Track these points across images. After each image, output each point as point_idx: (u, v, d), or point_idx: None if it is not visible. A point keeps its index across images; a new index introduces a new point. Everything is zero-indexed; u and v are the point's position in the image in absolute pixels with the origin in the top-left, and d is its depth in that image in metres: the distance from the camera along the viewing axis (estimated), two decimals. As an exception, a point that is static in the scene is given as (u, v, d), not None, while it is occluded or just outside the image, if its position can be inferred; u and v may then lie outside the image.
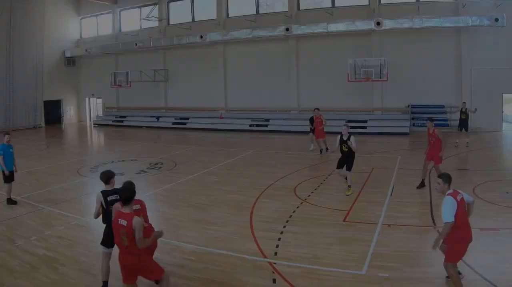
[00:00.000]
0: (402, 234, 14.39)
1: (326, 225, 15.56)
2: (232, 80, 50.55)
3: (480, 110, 32.32)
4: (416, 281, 11.11)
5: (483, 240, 12.95)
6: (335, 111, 43.31)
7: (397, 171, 24.23)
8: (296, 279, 11.41)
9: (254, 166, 27.36)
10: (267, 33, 45.20)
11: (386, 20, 39.65)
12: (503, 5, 36.26)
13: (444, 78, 40.50)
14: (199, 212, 17.14)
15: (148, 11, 53.03)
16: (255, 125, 47.18)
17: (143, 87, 54.97)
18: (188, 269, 12.23)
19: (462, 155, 28.77)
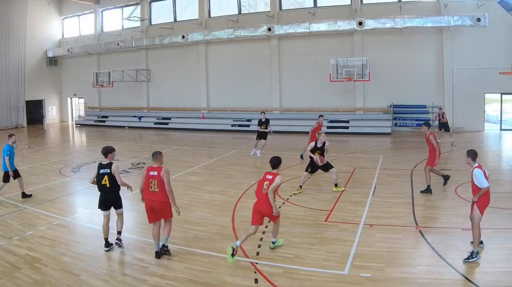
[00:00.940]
0: (384, 234, 14.19)
1: (308, 225, 15.39)
2: (214, 80, 49.81)
3: (462, 110, 32.07)
4: (398, 281, 10.89)
5: (466, 240, 12.96)
6: (317, 111, 41.40)
7: (379, 171, 24.07)
8: (278, 279, 11.20)
9: (236, 166, 27.06)
10: (249, 33, 44.61)
11: (368, 20, 39.26)
12: (485, 5, 35.89)
13: (426, 78, 40.17)
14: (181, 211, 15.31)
15: (130, 11, 52.29)
16: (237, 125, 46.50)
17: (125, 87, 54.16)
18: (170, 269, 11.99)
19: (444, 155, 26.86)
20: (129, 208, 16.88)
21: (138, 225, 15.98)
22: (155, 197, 12.55)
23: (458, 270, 11.22)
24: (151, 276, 11.58)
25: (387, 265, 11.75)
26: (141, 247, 13.56)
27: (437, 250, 12.54)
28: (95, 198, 18.43)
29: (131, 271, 12.02)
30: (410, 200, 18.09)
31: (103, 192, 13.53)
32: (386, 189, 19.91)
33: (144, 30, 53.24)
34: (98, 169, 13.53)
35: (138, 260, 12.63)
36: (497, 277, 10.87)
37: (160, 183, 12.49)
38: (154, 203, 12.58)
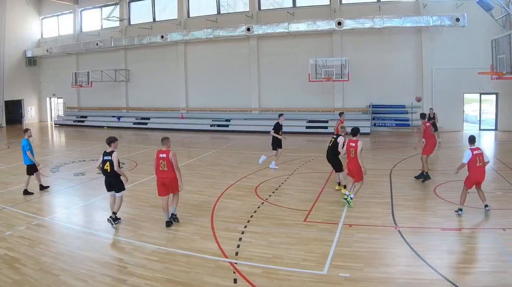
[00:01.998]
0: (363, 234, 14.03)
1: (287, 225, 15.13)
2: (193, 80, 49.01)
3: (441, 110, 31.46)
4: (377, 281, 10.77)
5: (445, 240, 13.27)
6: (296, 111, 42.76)
7: None
8: (257, 279, 11.05)
9: (215, 166, 26.51)
10: (228, 33, 44.00)
11: (347, 20, 38.75)
12: (464, 5, 35.49)
13: (405, 78, 39.77)
14: (160, 211, 16.12)
15: (109, 11, 51.36)
16: (216, 125, 45.73)
17: (104, 87, 53.27)
18: (149, 269, 11.81)
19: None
20: (108, 208, 16.32)
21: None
22: (165, 174, 15.00)
23: (437, 270, 11.07)
24: (130, 276, 11.37)
25: (366, 265, 11.64)
26: (120, 247, 13.51)
27: (416, 250, 12.39)
28: (74, 198, 19.45)
29: (110, 271, 11.76)
30: (389, 200, 17.84)
31: (105, 176, 15.49)
32: (365, 188, 19.17)
33: (123, 30, 52.19)
34: (103, 156, 15.37)
35: (117, 260, 12.45)
36: (476, 277, 10.86)
37: (169, 163, 14.95)
38: (165, 179, 15.00)
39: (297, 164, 25.83)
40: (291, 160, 27.00)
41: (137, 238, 14.11)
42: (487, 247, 12.84)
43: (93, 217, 16.82)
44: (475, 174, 15.11)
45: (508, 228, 13.85)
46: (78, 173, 24.38)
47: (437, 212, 15.95)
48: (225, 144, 36.79)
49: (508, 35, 26.67)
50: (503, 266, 11.31)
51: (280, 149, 24.32)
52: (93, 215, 17.09)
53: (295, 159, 27.35)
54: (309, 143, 36.61)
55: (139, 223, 15.76)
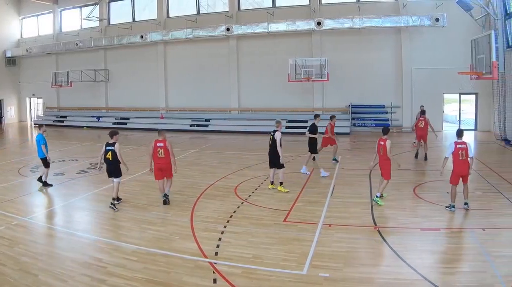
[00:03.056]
0: (342, 234, 13.86)
1: (266, 225, 14.94)
2: (173, 80, 48.17)
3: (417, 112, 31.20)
4: (357, 281, 10.67)
5: (424, 240, 13.18)
6: (276, 111, 42.09)
7: (338, 171, 23.43)
8: (237, 279, 10.89)
9: (194, 166, 25.97)
10: (207, 33, 43.13)
11: (326, 20, 38.04)
12: (443, 5, 34.88)
13: (384, 78, 39.27)
14: (139, 212, 16.46)
15: (88, 11, 50.04)
16: (195, 125, 44.81)
17: (83, 87, 52.01)
18: (129, 269, 11.57)
19: (403, 155, 27.65)
20: (88, 208, 17.35)
21: (97, 225, 15.56)
22: (162, 161, 17.00)
23: (417, 270, 10.96)
24: (109, 276, 11.14)
25: (345, 265, 11.52)
26: (100, 247, 13.17)
27: (395, 250, 12.28)
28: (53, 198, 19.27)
29: (90, 271, 11.47)
30: (369, 200, 17.52)
31: (107, 163, 17.17)
32: (344, 189, 19.48)
33: (102, 30, 50.99)
34: (105, 146, 17.08)
35: (96, 260, 12.13)
36: (456, 277, 10.74)
37: (166, 151, 16.95)
38: (162, 165, 17.05)
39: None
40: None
41: (116, 238, 13.90)
42: (467, 247, 12.81)
43: (73, 217, 16.62)
44: (458, 167, 15.28)
45: (487, 228, 13.73)
46: (57, 173, 23.59)
47: (417, 212, 15.85)
48: (204, 144, 36.22)
49: (488, 35, 26.12)
50: (483, 266, 11.17)
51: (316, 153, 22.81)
52: (72, 215, 16.81)
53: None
54: (289, 143, 34.55)
55: (118, 223, 15.56)
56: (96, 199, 18.89)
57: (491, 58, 25.37)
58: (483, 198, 17.11)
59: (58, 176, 22.98)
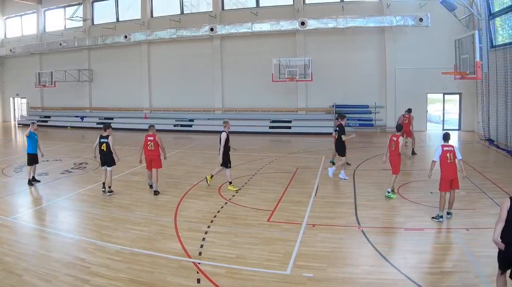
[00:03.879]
0: (326, 234, 13.77)
1: (250, 225, 14.83)
2: (157, 80, 47.25)
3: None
4: (341, 281, 10.61)
5: (408, 240, 13.14)
6: (259, 111, 41.67)
7: (322, 171, 23.14)
8: (220, 279, 10.81)
9: (178, 165, 25.73)
10: (191, 33, 42.21)
11: (310, 20, 37.31)
12: (427, 5, 34.53)
13: (368, 78, 38.70)
14: (123, 212, 16.40)
15: (72, 11, 48.79)
16: (179, 125, 44.13)
17: (67, 87, 50.82)
18: (112, 269, 11.45)
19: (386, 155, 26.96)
20: (71, 208, 17.28)
21: (81, 225, 15.41)
22: (152, 153, 18.97)
23: (401, 270, 10.93)
24: (93, 276, 11.00)
25: (329, 265, 11.45)
26: (84, 247, 12.97)
27: (379, 250, 12.20)
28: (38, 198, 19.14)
29: (74, 271, 11.31)
30: (353, 200, 17.56)
31: (101, 154, 18.99)
32: (328, 189, 19.48)
33: (86, 30, 49.83)
34: (99, 139, 19.01)
35: (80, 260, 11.97)
36: (439, 277, 10.61)
37: (156, 144, 18.93)
38: (152, 156, 19.02)
39: (260, 164, 25.21)
40: (254, 159, 26.47)
41: (100, 238, 13.70)
42: (451, 247, 12.81)
43: (57, 216, 16.40)
44: (446, 171, 14.43)
45: (471, 228, 13.67)
46: (41, 173, 23.01)
47: (401, 212, 15.82)
48: (188, 144, 35.83)
49: (471, 35, 25.60)
50: (466, 266, 11.17)
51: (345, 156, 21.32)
52: (56, 215, 16.57)
53: (258, 158, 26.72)
54: (273, 143, 35.70)
55: (102, 223, 15.34)
56: (80, 199, 18.68)
57: (475, 58, 24.97)
58: (466, 198, 16.89)
59: (42, 176, 22.45)
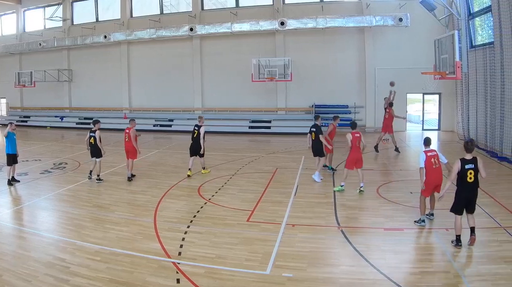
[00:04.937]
0: (306, 234, 13.67)
1: (230, 225, 14.72)
2: (136, 80, 46.13)
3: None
4: (321, 281, 10.51)
5: (388, 240, 12.97)
6: (239, 111, 40.88)
7: (301, 171, 22.96)
8: (200, 279, 10.68)
9: (157, 166, 25.37)
10: (171, 33, 41.12)
11: (290, 20, 36.37)
12: (407, 5, 33.89)
13: (348, 78, 37.98)
14: (103, 212, 16.25)
15: (52, 11, 47.77)
16: (159, 125, 43.15)
17: (47, 87, 49.58)
18: (92, 269, 11.30)
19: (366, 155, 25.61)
20: (50, 208, 17.09)
21: (60, 225, 15.15)
22: (127, 144, 21.10)
23: (380, 270, 10.82)
24: (73, 276, 10.86)
25: (309, 265, 11.34)
26: (63, 247, 12.78)
27: (359, 250, 12.10)
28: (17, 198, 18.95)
29: (53, 271, 11.13)
30: (332, 200, 17.31)
31: (90, 146, 20.98)
32: (308, 189, 19.16)
33: (66, 30, 48.39)
34: (89, 133, 20.90)
35: (59, 260, 11.79)
36: (419, 277, 10.52)
37: (129, 137, 20.90)
38: (127, 148, 21.07)
39: (240, 164, 24.94)
40: (234, 159, 26.22)
41: (80, 238, 13.50)
42: (430, 247, 12.67)
43: (36, 216, 16.16)
44: (432, 177, 13.78)
45: (451, 228, 13.09)
46: (21, 173, 22.64)
47: (380, 212, 15.49)
48: (168, 144, 35.29)
49: (451, 35, 24.92)
50: (446, 266, 11.07)
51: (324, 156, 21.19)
52: (36, 215, 16.34)
53: (238, 158, 26.41)
54: (252, 143, 35.08)
55: (82, 223, 15.10)
56: (60, 199, 18.34)
57: (455, 58, 24.38)
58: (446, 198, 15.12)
59: (21, 176, 22.14)
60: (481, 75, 27.96)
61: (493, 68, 25.93)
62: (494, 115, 26.05)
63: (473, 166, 11.97)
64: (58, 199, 18.34)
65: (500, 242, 12.41)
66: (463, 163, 11.94)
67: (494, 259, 11.31)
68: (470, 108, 30.18)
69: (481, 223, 13.56)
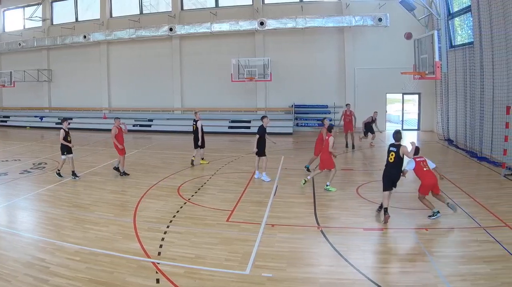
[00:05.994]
0: (285, 234, 13.46)
1: (209, 225, 14.45)
2: (116, 80, 44.99)
3: (363, 110, 29.64)
4: (300, 281, 10.34)
5: (367, 240, 12.85)
6: (219, 111, 40.02)
7: (281, 171, 22.62)
8: (180, 279, 10.45)
9: (137, 166, 24.63)
10: (150, 33, 40.05)
11: (269, 20, 35.61)
12: (386, 5, 33.24)
13: (328, 78, 37.34)
14: (82, 212, 15.84)
15: (31, 11, 46.59)
16: (138, 125, 41.86)
17: (27, 87, 48.26)
18: (72, 269, 11.00)
19: (346, 155, 27.22)
20: (30, 208, 16.63)
21: (40, 225, 14.72)
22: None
23: (360, 270, 10.68)
24: (52, 276, 10.55)
25: (289, 265, 11.18)
26: (42, 247, 12.48)
27: (338, 250, 11.97)
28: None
29: (32, 271, 10.84)
30: (312, 200, 17.04)
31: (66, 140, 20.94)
32: (287, 189, 18.83)
33: (45, 30, 46.94)
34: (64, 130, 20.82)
35: (39, 260, 11.50)
36: (398, 277, 10.44)
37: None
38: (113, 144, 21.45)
39: (219, 164, 24.46)
40: (214, 159, 25.61)
41: (59, 238, 13.19)
42: (410, 247, 12.48)
43: (16, 216, 15.91)
44: (426, 178, 14.40)
45: (430, 228, 13.49)
46: (0, 173, 22.39)
47: (360, 212, 15.33)
48: (147, 144, 34.29)
49: (431, 35, 24.47)
50: (426, 266, 10.96)
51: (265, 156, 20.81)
52: (15, 215, 16.06)
53: (217, 158, 25.81)
54: (232, 143, 34.38)
55: (61, 223, 14.74)
56: (39, 199, 17.87)
57: (434, 58, 23.98)
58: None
59: (1, 176, 21.85)
60: (461, 75, 27.74)
61: (473, 68, 25.79)
62: (473, 115, 25.86)
63: (395, 149, 14.21)
64: (38, 199, 17.88)
65: (480, 242, 12.27)
66: (389, 145, 14.59)
67: (474, 259, 11.21)
68: (450, 108, 29.90)
69: (461, 223, 13.74)
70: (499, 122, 22.17)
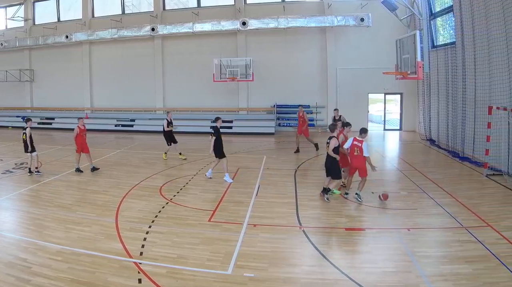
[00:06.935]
0: (267, 234, 13.25)
1: (191, 225, 14.21)
2: (98, 80, 43.88)
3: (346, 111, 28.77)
4: (282, 281, 10.19)
5: (349, 240, 12.68)
6: (201, 111, 39.17)
7: (263, 171, 22.29)
8: (162, 279, 10.29)
9: (119, 166, 24.32)
10: (132, 33, 38.95)
11: (251, 20, 34.65)
12: (368, 5, 32.67)
13: (310, 78, 36.59)
14: (64, 212, 15.48)
15: (13, 11, 45.35)
16: (120, 125, 40.83)
17: (9, 87, 47.05)
18: (54, 269, 10.77)
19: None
20: (12, 208, 16.31)
21: (21, 224, 14.50)
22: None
23: (342, 270, 10.57)
24: (34, 276, 10.36)
25: (270, 265, 11.04)
26: (24, 247, 12.22)
27: (320, 250, 11.77)
28: None
29: (14, 271, 10.65)
30: (294, 200, 16.84)
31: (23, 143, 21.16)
32: (269, 189, 18.54)
33: (27, 30, 45.69)
34: (22, 130, 21.18)
35: (21, 260, 11.28)
36: (380, 277, 10.24)
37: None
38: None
39: (201, 164, 23.98)
40: (196, 160, 25.27)
41: (41, 238, 12.98)
42: (392, 247, 12.24)
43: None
44: (353, 161, 16.19)
45: (412, 228, 13.33)
46: None
47: (342, 212, 15.14)
48: (129, 144, 33.53)
49: (413, 35, 24.28)
50: (408, 266, 10.81)
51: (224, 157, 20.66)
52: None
53: (199, 158, 25.37)
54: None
55: (43, 223, 14.48)
56: (21, 199, 17.62)
57: (416, 58, 23.98)
58: (408, 198, 16.64)
59: None
60: (443, 75, 27.30)
61: (455, 68, 25.36)
62: (455, 115, 25.43)
63: (327, 141, 16.00)
64: (20, 199, 17.58)
65: (462, 242, 12.18)
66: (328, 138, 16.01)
67: (456, 259, 11.12)
68: (432, 108, 29.42)
69: (443, 223, 13.64)
70: (481, 122, 21.77)
